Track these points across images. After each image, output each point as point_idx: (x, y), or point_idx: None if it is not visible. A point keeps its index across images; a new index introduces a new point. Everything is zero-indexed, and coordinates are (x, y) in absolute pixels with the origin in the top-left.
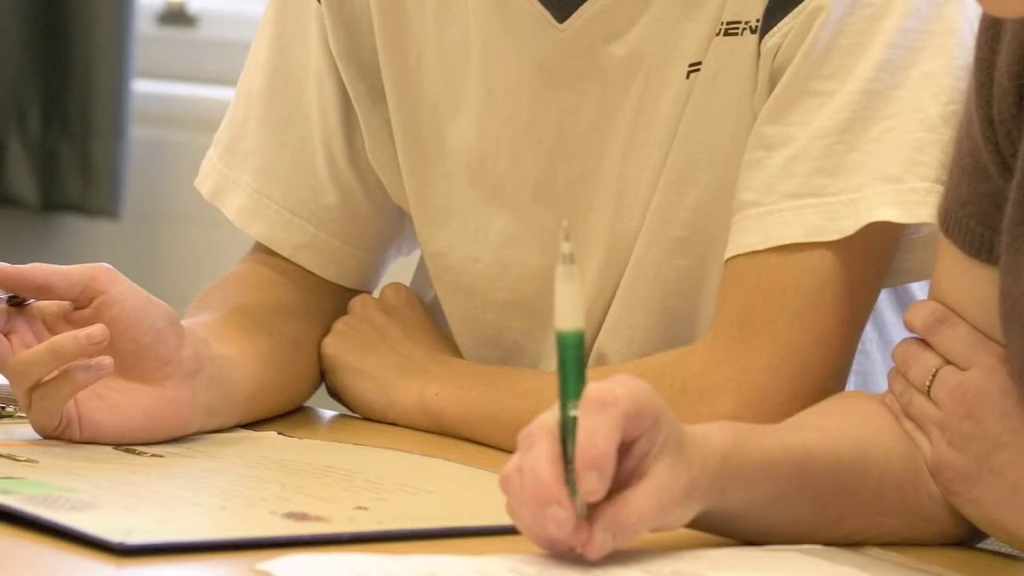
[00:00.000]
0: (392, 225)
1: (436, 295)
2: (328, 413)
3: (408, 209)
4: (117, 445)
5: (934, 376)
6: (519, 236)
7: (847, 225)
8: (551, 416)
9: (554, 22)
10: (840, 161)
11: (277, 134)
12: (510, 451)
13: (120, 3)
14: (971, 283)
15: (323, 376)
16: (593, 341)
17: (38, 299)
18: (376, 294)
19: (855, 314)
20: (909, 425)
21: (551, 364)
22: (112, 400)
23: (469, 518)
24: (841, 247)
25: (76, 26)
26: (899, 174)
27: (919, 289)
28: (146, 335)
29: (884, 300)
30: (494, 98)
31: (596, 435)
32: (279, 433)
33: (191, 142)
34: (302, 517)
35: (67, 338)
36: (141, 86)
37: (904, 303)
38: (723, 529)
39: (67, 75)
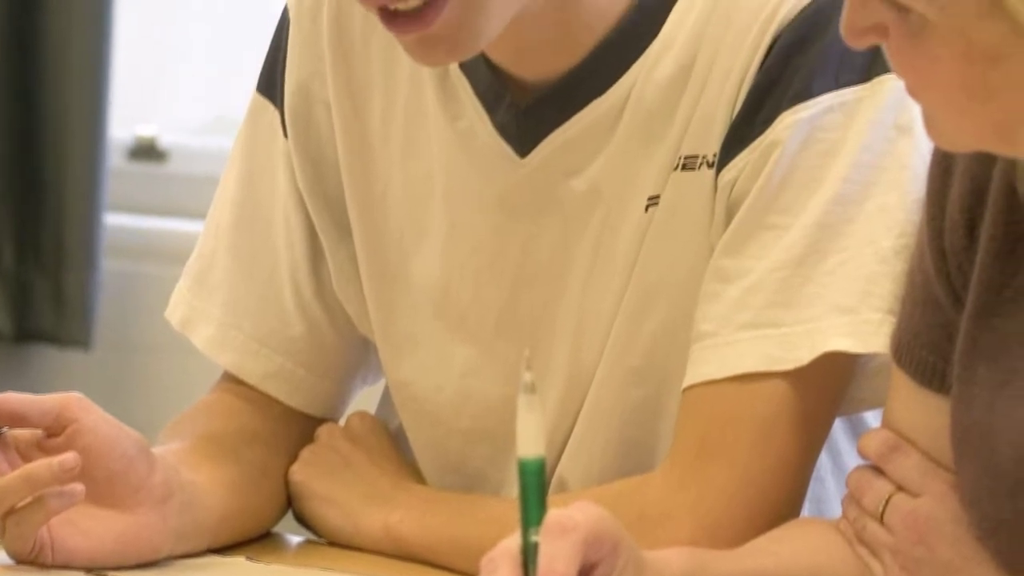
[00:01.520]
0: (358, 355)
1: (401, 423)
2: (295, 538)
3: (373, 339)
4: (89, 569)
5: (887, 503)
6: (482, 365)
7: (802, 355)
8: (513, 542)
9: (516, 157)
10: (795, 293)
11: (245, 266)
12: None
13: (92, 138)
14: (923, 412)
15: (290, 502)
16: (554, 468)
17: (12, 427)
18: (342, 422)
19: (810, 442)
20: (863, 551)
21: (513, 490)
22: (84, 526)
23: None
24: (797, 376)
25: (49, 161)
26: (853, 305)
27: (872, 417)
28: (117, 462)
29: (838, 428)
30: (457, 230)
31: (557, 560)
32: (247, 558)
33: (162, 274)
34: None
35: (40, 466)
36: (112, 219)
37: (858, 431)
38: None
39: (40, 208)
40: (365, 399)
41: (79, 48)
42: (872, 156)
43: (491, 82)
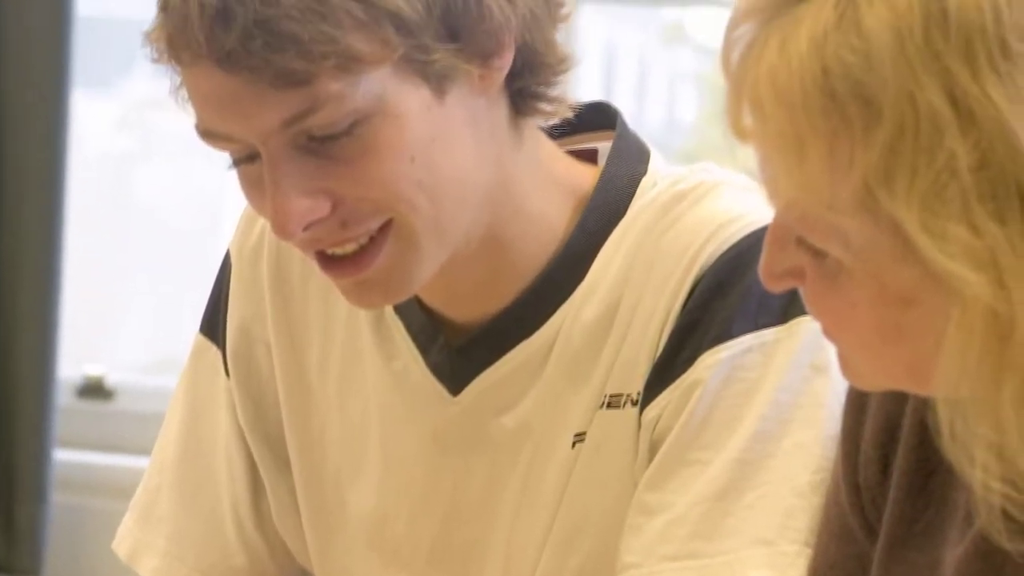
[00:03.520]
0: None
1: None
2: None
3: (312, 570)
4: None
5: None
6: None
7: None
8: None
9: (449, 395)
10: (716, 525)
11: (189, 500)
12: None
13: (42, 377)
14: None
15: None
16: None
17: None
18: None
19: None
20: None
21: None
22: None
23: None
24: None
25: (1, 399)
26: (771, 538)
27: None
28: None
29: None
30: (392, 466)
31: None
32: None
33: (109, 508)
34: None
35: None
36: (62, 455)
37: None
38: None
39: None
40: None
41: (29, 290)
42: (790, 395)
43: (424, 323)
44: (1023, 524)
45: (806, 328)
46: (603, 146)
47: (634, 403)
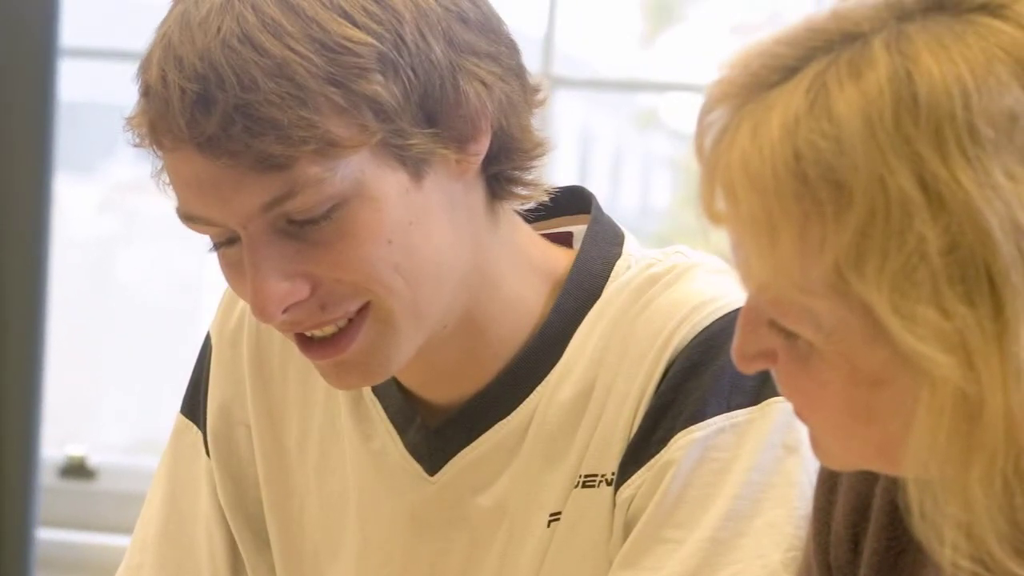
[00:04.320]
0: None
1: None
2: None
3: None
4: None
5: None
6: None
7: None
8: None
9: (426, 475)
10: None
11: None
12: None
13: (24, 458)
14: None
15: None
16: None
17: None
18: None
19: None
20: None
21: None
22: None
23: None
24: None
25: None
26: None
27: None
28: None
29: None
30: (370, 545)
31: None
32: None
33: None
34: None
35: None
36: (44, 534)
37: None
38: None
39: None
40: None
41: (12, 371)
42: (762, 474)
43: (402, 404)
44: None
45: (778, 409)
46: (578, 229)
47: (609, 483)
